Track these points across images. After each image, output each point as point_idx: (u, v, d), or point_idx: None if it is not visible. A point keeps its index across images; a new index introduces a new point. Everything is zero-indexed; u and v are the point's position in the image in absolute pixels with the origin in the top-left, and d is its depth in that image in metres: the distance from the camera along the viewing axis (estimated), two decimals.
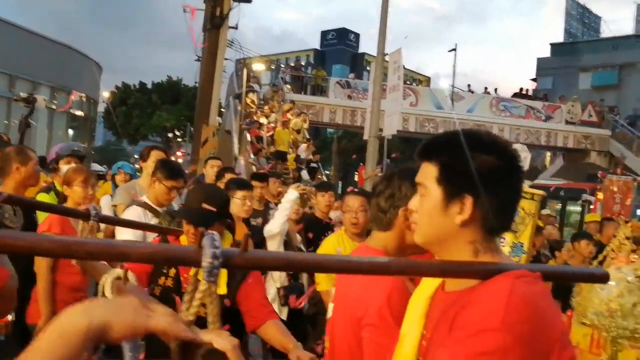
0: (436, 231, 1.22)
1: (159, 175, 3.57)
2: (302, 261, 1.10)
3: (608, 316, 1.80)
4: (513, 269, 1.13)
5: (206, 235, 0.97)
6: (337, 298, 1.82)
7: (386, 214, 1.76)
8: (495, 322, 0.99)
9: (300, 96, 20.92)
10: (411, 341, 1.28)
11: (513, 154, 1.21)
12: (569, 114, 22.46)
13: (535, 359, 1.01)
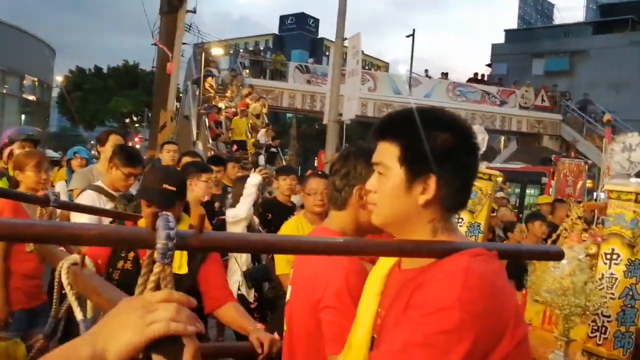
0: (397, 211, 1.20)
1: (117, 161, 3.51)
2: (257, 242, 1.09)
3: (561, 294, 1.86)
4: (470, 247, 1.13)
5: (160, 216, 0.95)
6: (294, 280, 1.80)
7: (341, 193, 1.74)
8: (451, 301, 1.00)
9: (259, 81, 20.69)
10: (366, 319, 1.28)
11: (470, 131, 1.22)
12: (523, 99, 22.97)
13: (490, 336, 1.01)
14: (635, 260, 1.98)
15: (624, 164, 2.16)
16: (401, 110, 1.28)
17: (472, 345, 0.99)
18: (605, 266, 2.03)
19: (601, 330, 1.99)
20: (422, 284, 1.08)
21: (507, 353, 1.03)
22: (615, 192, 2.05)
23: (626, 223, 1.99)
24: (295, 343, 1.71)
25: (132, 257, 2.43)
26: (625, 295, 1.98)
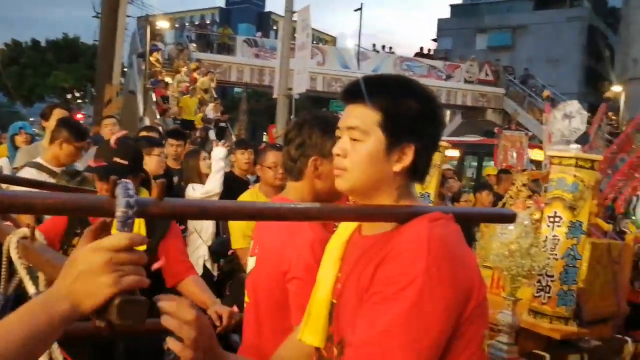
0: (370, 177, 1.18)
1: (67, 135, 3.39)
2: (219, 209, 1.08)
3: (508, 256, 1.93)
4: (429, 211, 1.15)
5: (119, 184, 0.94)
6: (257, 251, 1.78)
7: (296, 163, 1.71)
8: (420, 272, 1.01)
9: (206, 55, 20.28)
10: (326, 284, 1.29)
11: (437, 100, 1.24)
12: (468, 73, 23.46)
13: (461, 297, 1.05)
14: (575, 222, 2.08)
15: (564, 131, 2.26)
16: (378, 75, 1.27)
17: (446, 309, 1.02)
18: (548, 229, 2.13)
19: (545, 290, 2.09)
20: (387, 256, 1.08)
21: (474, 310, 1.07)
22: (557, 158, 2.14)
23: (567, 187, 2.09)
24: (261, 314, 1.70)
25: None
26: (567, 256, 2.08)
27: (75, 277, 0.89)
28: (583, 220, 2.10)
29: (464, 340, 1.07)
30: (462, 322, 1.06)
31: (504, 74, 24.28)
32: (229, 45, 21.54)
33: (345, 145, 1.20)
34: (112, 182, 0.94)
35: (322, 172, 1.68)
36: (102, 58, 11.71)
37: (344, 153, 1.20)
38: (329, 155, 1.61)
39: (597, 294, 2.35)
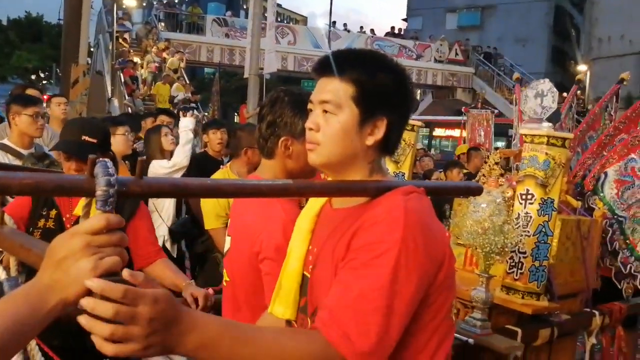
0: (343, 151, 1.19)
1: (16, 107, 3.33)
2: (199, 186, 1.06)
3: (482, 234, 1.97)
4: (401, 185, 1.18)
5: (98, 162, 0.91)
6: (232, 231, 1.79)
7: (267, 142, 1.71)
8: (396, 240, 1.04)
9: (175, 34, 19.90)
10: (297, 256, 1.31)
11: (408, 75, 1.25)
12: (438, 53, 23.57)
13: (433, 266, 1.09)
14: (547, 199, 2.13)
15: (536, 109, 2.30)
16: (351, 49, 1.27)
17: (419, 278, 1.06)
18: (521, 206, 2.17)
19: (518, 266, 2.14)
20: (363, 225, 1.10)
21: (443, 280, 1.12)
22: (529, 136, 2.18)
23: (539, 164, 2.13)
24: (239, 293, 1.71)
25: (55, 215, 2.31)
26: (539, 232, 2.13)
27: (55, 266, 0.87)
28: (554, 197, 2.14)
29: (433, 309, 1.12)
30: (432, 291, 1.10)
31: (474, 54, 24.48)
32: (198, 25, 21.15)
33: (318, 119, 1.20)
34: (91, 161, 0.91)
35: (293, 152, 1.68)
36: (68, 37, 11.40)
37: (316, 127, 1.20)
38: (300, 136, 1.62)
39: (567, 270, 2.41)
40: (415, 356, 1.12)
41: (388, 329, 1.02)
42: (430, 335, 1.13)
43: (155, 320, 0.85)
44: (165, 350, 0.88)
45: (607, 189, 2.77)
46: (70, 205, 2.33)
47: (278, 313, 1.34)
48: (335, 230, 1.20)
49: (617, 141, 2.97)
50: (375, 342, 1.01)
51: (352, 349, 1.00)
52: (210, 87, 15.03)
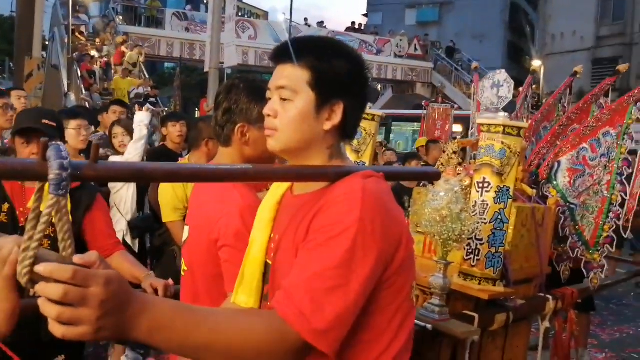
0: (302, 137, 1.20)
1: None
2: (155, 171, 1.05)
3: (440, 222, 2.00)
4: (360, 170, 1.20)
5: (51, 145, 0.89)
6: (190, 220, 1.77)
7: (224, 129, 1.70)
8: (353, 220, 1.05)
9: (134, 28, 19.50)
10: (259, 244, 1.32)
11: (364, 60, 1.26)
12: (398, 48, 23.81)
13: (390, 247, 1.10)
14: (503, 187, 2.18)
15: (493, 99, 2.35)
16: (306, 36, 1.29)
17: (376, 258, 1.07)
18: (477, 194, 2.21)
19: (475, 253, 2.19)
20: (322, 207, 1.11)
21: (402, 261, 1.13)
22: (485, 125, 2.22)
23: (495, 153, 2.17)
24: (198, 283, 1.70)
25: (7, 209, 2.24)
26: (495, 220, 2.18)
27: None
28: (510, 185, 2.20)
29: (393, 291, 1.13)
30: (392, 273, 1.12)
31: (432, 49, 24.81)
32: (157, 19, 20.77)
33: (276, 105, 1.21)
34: (42, 144, 0.88)
35: (249, 139, 1.67)
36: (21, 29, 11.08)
37: (274, 113, 1.21)
38: (257, 122, 1.63)
39: (522, 256, 2.47)
40: (378, 337, 1.13)
41: (343, 308, 1.03)
42: (392, 317, 1.14)
43: (107, 301, 0.83)
44: (117, 333, 0.87)
45: (560, 178, 2.86)
46: (24, 198, 2.26)
47: (241, 302, 1.33)
48: (296, 215, 1.20)
49: (569, 131, 3.06)
50: (331, 320, 1.02)
51: (307, 326, 1.00)
52: (171, 81, 14.81)
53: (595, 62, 23.44)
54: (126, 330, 0.88)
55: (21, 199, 2.27)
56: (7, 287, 0.93)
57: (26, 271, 0.88)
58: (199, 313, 0.99)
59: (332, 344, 1.03)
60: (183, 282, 1.79)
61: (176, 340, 0.93)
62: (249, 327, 1.01)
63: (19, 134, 2.24)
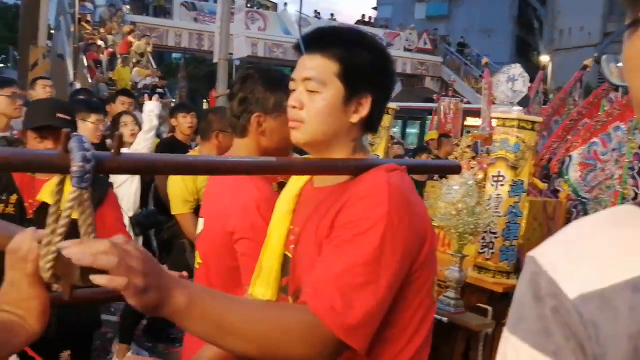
0: (328, 129, 1.17)
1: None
2: (177, 163, 1.04)
3: (455, 215, 2.01)
4: (384, 163, 1.18)
5: (73, 136, 0.86)
6: (205, 212, 1.75)
7: (239, 120, 1.66)
8: (381, 216, 1.04)
9: (141, 18, 19.40)
10: (278, 236, 1.29)
11: (389, 52, 1.25)
12: (407, 42, 23.71)
13: (416, 243, 1.09)
14: (517, 181, 2.19)
15: (507, 93, 2.35)
16: (333, 26, 1.27)
17: (403, 253, 1.06)
18: (492, 188, 2.22)
19: (489, 246, 2.20)
20: (347, 202, 1.10)
21: (426, 256, 1.12)
22: (500, 119, 2.23)
23: (510, 147, 2.18)
24: (212, 275, 1.68)
25: (15, 200, 2.19)
26: (509, 213, 2.19)
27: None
28: (524, 178, 2.20)
29: (416, 285, 1.13)
30: (416, 268, 1.11)
31: (442, 43, 24.71)
32: (165, 8, 20.67)
33: (302, 96, 1.18)
34: (64, 135, 0.86)
35: (266, 129, 1.64)
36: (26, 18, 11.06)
37: (300, 105, 1.18)
38: (273, 111, 1.61)
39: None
40: (399, 333, 1.13)
41: (373, 304, 1.02)
42: (414, 312, 1.14)
43: (147, 262, 0.88)
44: (159, 298, 0.89)
45: (571, 172, 2.86)
46: (33, 190, 2.23)
47: (259, 294, 1.32)
48: (318, 208, 1.19)
49: (580, 125, 3.06)
50: (361, 317, 1.01)
51: (338, 322, 1.00)
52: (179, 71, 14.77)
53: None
54: (164, 300, 0.90)
55: (30, 191, 2.23)
56: (33, 284, 0.93)
57: (49, 266, 0.88)
58: (232, 298, 1.00)
59: (362, 341, 1.02)
60: (197, 274, 1.77)
61: (209, 320, 0.94)
62: (281, 318, 1.01)
63: (34, 129, 2.19)
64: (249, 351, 1.00)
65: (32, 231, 0.95)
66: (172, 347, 4.09)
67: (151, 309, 0.89)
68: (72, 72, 14.56)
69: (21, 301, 0.94)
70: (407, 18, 31.11)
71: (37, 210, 2.22)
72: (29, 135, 2.23)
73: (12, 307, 0.94)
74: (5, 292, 0.95)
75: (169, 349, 4.06)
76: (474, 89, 21.23)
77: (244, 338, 0.97)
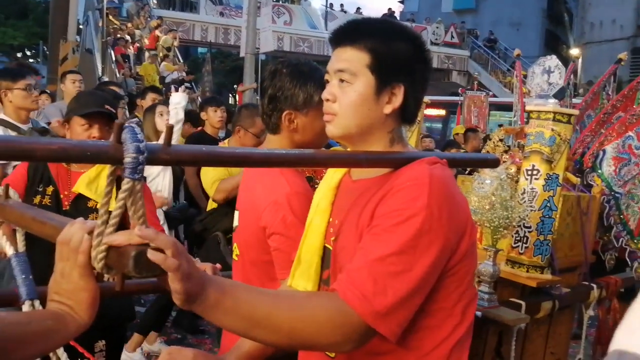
0: (361, 121, 1.18)
1: (5, 83, 3.24)
2: (226, 155, 1.05)
3: (490, 209, 1.99)
4: (425, 156, 1.18)
5: (126, 127, 0.87)
6: (241, 205, 1.76)
7: (271, 118, 1.67)
8: (421, 207, 1.04)
9: (168, 12, 19.60)
10: (318, 229, 1.30)
11: (424, 40, 1.24)
12: (434, 35, 23.45)
13: (455, 235, 1.09)
14: (552, 175, 2.16)
15: (543, 86, 2.32)
16: (365, 18, 1.28)
17: (442, 245, 1.06)
18: (526, 181, 2.19)
19: (523, 241, 2.17)
20: (388, 193, 1.10)
21: (466, 249, 1.12)
22: (535, 112, 2.19)
23: (545, 140, 2.15)
24: (248, 268, 1.70)
25: (51, 192, 2.26)
26: (544, 207, 2.16)
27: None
28: (559, 172, 2.17)
29: (456, 278, 1.13)
30: (456, 262, 1.11)
31: (469, 37, 24.42)
32: (192, 3, 20.88)
33: (334, 89, 1.19)
34: (118, 126, 0.87)
35: (298, 125, 1.64)
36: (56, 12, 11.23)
37: (333, 97, 1.19)
38: (303, 107, 1.61)
39: (566, 244, 2.45)
40: (441, 323, 1.14)
41: (406, 293, 1.02)
42: (455, 303, 1.14)
43: (183, 252, 0.91)
44: (195, 288, 0.91)
45: (605, 166, 2.81)
46: (69, 182, 2.28)
47: (299, 286, 1.33)
48: (358, 200, 1.19)
49: (614, 119, 3.00)
50: (392, 304, 1.01)
51: (368, 308, 1.00)
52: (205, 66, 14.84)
53: (635, 51, 22.73)
54: (200, 291, 0.92)
55: (66, 183, 2.28)
56: (84, 275, 0.95)
57: (102, 256, 0.90)
58: (261, 290, 1.02)
59: (392, 328, 1.02)
60: (235, 267, 1.79)
61: (238, 314, 0.95)
62: (309, 305, 1.02)
63: (83, 115, 2.25)
64: (279, 341, 1.02)
65: (81, 222, 0.96)
66: (201, 339, 4.14)
67: (190, 297, 0.91)
68: (100, 66, 14.77)
69: (71, 292, 0.96)
70: (434, 11, 30.77)
71: (74, 201, 2.27)
72: (76, 121, 2.27)
73: (62, 297, 0.96)
74: (56, 283, 0.97)
75: (198, 341, 4.10)
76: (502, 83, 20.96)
77: (273, 329, 0.98)
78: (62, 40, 11.37)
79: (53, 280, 0.97)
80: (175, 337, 4.20)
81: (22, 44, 31.52)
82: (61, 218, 1.15)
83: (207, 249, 3.75)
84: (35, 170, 2.27)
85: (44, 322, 0.93)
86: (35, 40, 30.25)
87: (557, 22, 32.81)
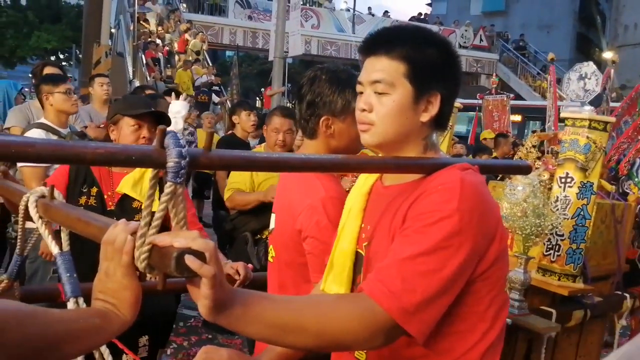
0: (399, 130, 1.19)
1: (47, 87, 3.33)
2: (264, 160, 1.07)
3: (522, 216, 1.98)
4: (457, 162, 1.19)
5: (169, 132, 0.91)
6: (277, 208, 1.79)
7: (308, 123, 1.69)
8: (452, 210, 1.05)
9: (197, 16, 19.84)
10: (350, 234, 1.31)
11: (455, 50, 1.25)
12: (463, 39, 23.25)
13: (484, 239, 1.10)
14: (586, 183, 2.13)
15: (579, 93, 2.29)
16: (396, 26, 1.28)
17: (471, 248, 1.06)
18: (560, 189, 2.17)
19: (555, 249, 2.15)
20: (420, 196, 1.11)
21: (497, 254, 1.13)
22: (570, 119, 2.17)
23: (580, 148, 2.12)
24: (284, 270, 1.72)
25: (96, 193, 2.32)
26: (577, 215, 2.14)
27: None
28: (594, 181, 2.15)
29: (488, 283, 1.13)
30: (487, 267, 1.11)
31: (498, 40, 24.13)
32: (220, 6, 21.05)
33: (371, 99, 1.20)
34: (161, 131, 0.90)
35: (335, 131, 1.66)
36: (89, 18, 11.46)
37: (369, 107, 1.19)
38: (341, 114, 1.63)
39: (600, 253, 2.42)
40: (472, 327, 1.14)
41: (434, 292, 1.03)
42: (487, 308, 1.14)
43: (218, 258, 0.92)
44: (223, 297, 0.93)
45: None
46: (111, 183, 2.35)
47: (332, 291, 1.34)
48: (390, 206, 1.20)
49: None
50: (420, 302, 1.02)
51: (396, 304, 1.01)
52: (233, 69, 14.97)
53: None
54: (226, 302, 0.94)
55: (109, 184, 2.35)
56: (127, 275, 0.97)
57: (144, 257, 0.93)
58: (285, 298, 1.04)
59: (420, 327, 1.03)
60: (270, 269, 1.82)
61: (265, 320, 0.96)
62: (336, 304, 1.03)
63: (135, 116, 2.32)
64: (308, 343, 1.03)
65: (124, 223, 0.99)
66: (231, 339, 4.17)
67: (218, 304, 0.92)
68: (131, 69, 15.02)
69: (115, 291, 0.99)
70: (463, 14, 30.49)
71: (119, 202, 2.34)
72: (126, 122, 2.33)
73: (106, 296, 0.99)
74: (100, 282, 1.00)
75: (228, 341, 4.15)
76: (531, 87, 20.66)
77: (300, 332, 0.99)
78: (95, 44, 11.60)
79: (98, 279, 1.01)
80: (206, 337, 4.24)
81: (55, 48, 32.21)
82: (104, 219, 1.20)
83: (236, 249, 3.81)
84: (77, 172, 2.34)
85: (91, 320, 0.96)
86: (68, 44, 30.88)
87: (589, 25, 32.19)
